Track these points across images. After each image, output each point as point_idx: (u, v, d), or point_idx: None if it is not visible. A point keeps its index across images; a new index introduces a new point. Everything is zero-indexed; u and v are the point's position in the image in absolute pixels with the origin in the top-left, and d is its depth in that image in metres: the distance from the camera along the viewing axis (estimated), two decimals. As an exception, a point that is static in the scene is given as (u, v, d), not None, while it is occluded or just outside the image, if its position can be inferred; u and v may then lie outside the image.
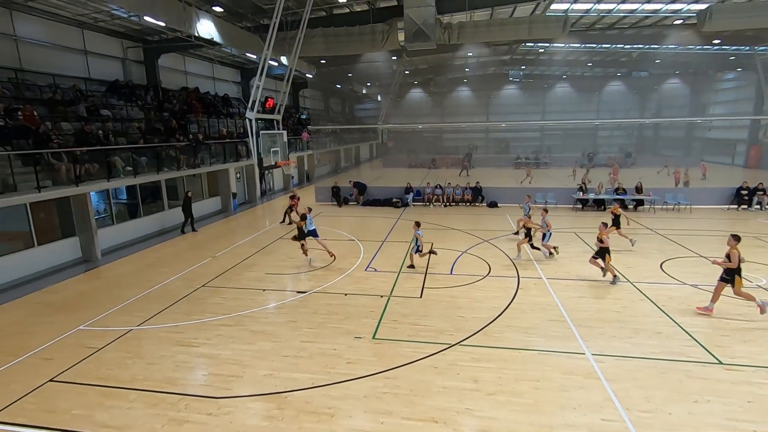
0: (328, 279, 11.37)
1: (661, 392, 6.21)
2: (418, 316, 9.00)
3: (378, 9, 21.17)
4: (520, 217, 14.65)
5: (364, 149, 55.95)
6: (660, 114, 49.50)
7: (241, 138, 22.72)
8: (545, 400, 6.12)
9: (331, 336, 8.16)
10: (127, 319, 9.16)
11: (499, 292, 10.21)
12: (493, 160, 45.08)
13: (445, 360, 7.23)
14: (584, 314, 8.90)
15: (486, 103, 55.33)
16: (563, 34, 20.03)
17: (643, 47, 34.15)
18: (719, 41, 30.22)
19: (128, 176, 14.88)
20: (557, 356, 7.28)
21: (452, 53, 34.29)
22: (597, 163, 39.80)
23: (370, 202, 22.84)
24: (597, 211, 20.06)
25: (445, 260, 12.78)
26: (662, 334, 7.95)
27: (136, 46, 21.02)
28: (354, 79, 44.91)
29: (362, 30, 20.22)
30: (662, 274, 11.26)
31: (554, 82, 53.09)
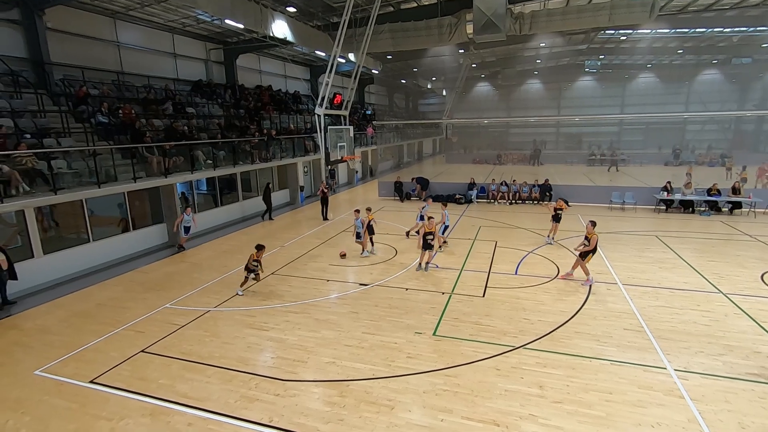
0: (389, 273, 11.49)
1: (760, 419, 5.52)
2: (480, 315, 8.80)
3: (446, 1, 20.78)
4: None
5: (427, 145, 55.57)
6: (765, 106, 43.61)
7: (309, 133, 23.61)
8: (618, 414, 5.71)
9: (391, 329, 8.25)
10: (207, 300, 9.94)
11: (568, 296, 9.68)
12: (564, 156, 42.62)
13: (508, 362, 7.01)
14: (666, 325, 8.15)
15: (557, 96, 52.28)
16: (650, 19, 18.28)
17: (747, 30, 30.24)
18: None
19: (209, 169, 16.09)
20: (633, 368, 6.75)
21: (522, 44, 32.80)
22: (684, 160, 36.15)
23: (432, 198, 22.62)
24: (684, 213, 18.24)
25: (510, 260, 12.35)
26: (762, 354, 7.06)
27: (218, 48, 22.59)
28: (419, 74, 44.63)
29: (429, 24, 19.98)
30: (763, 287, 9.99)
31: (636, 71, 48.74)
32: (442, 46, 27.00)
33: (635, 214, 18.47)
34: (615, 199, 19.81)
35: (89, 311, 9.48)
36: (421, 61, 34.97)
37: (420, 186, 23.12)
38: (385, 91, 46.96)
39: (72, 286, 10.99)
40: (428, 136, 53.59)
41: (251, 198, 20.26)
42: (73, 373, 7.02)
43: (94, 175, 11.98)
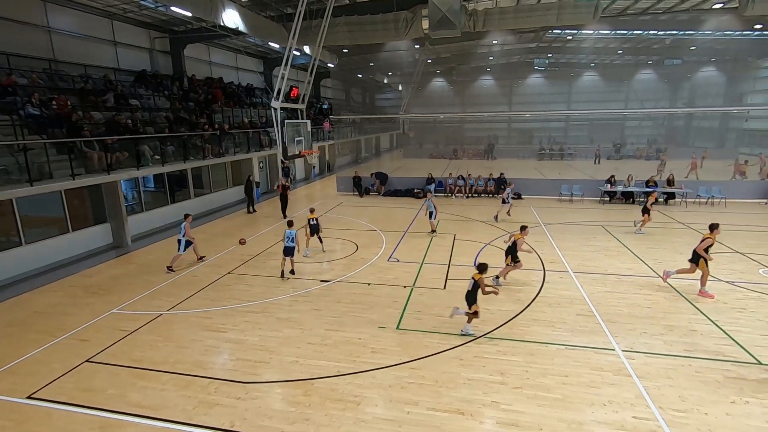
0: (351, 269, 11.42)
1: (697, 392, 6.02)
2: (442, 307, 8.95)
3: (402, -4, 20.84)
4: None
5: (384, 139, 55.72)
6: (693, 103, 47.46)
7: (264, 128, 22.90)
8: (574, 395, 6.01)
9: (355, 325, 8.21)
10: (158, 303, 9.41)
11: (524, 285, 10.06)
12: (516, 151, 44.25)
13: (471, 352, 7.18)
14: (613, 309, 8.68)
15: (509, 92, 54.21)
16: (594, 20, 19.32)
17: (677, 33, 32.71)
18: (761, 26, 28.65)
19: (156, 165, 15.21)
20: (586, 351, 7.13)
21: (476, 41, 33.59)
22: (624, 154, 38.62)
23: (391, 193, 22.78)
24: (626, 204, 19.47)
25: (469, 252, 12.65)
26: (697, 332, 7.69)
27: (163, 37, 21.32)
28: (375, 69, 44.57)
29: (386, 18, 19.96)
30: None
31: (581, 70, 51.49)
32: (398, 40, 27.04)
33: (582, 205, 19.51)
34: (563, 191, 20.82)
35: (25, 320, 8.70)
36: (377, 55, 34.91)
37: (379, 181, 23.15)
38: (341, 85, 46.50)
39: (4, 294, 10.04)
40: (386, 131, 53.78)
41: (204, 195, 19.42)
42: (9, 388, 6.42)
43: (25, 171, 10.96)
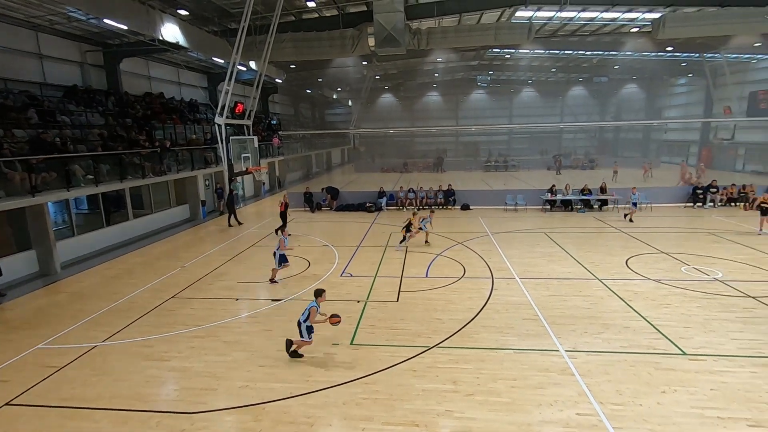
0: (303, 286, 11.21)
1: (632, 385, 6.44)
2: (395, 320, 8.99)
3: (348, 14, 21.19)
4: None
5: (335, 154, 55.73)
6: (619, 117, 51.72)
7: (209, 144, 22.17)
8: (522, 398, 6.23)
9: (308, 344, 8.03)
10: (92, 334, 8.70)
11: (474, 294, 10.34)
12: (463, 163, 45.82)
13: (424, 363, 7.25)
14: (556, 312, 9.13)
15: (455, 107, 56.26)
16: (528, 40, 20.63)
17: (602, 54, 35.67)
18: (672, 48, 31.94)
19: (89, 185, 14.22)
20: (532, 354, 7.43)
21: (422, 58, 34.74)
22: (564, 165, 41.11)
23: (343, 207, 22.73)
24: (565, 211, 20.69)
25: (421, 263, 12.85)
26: (630, 329, 8.26)
27: (96, 50, 20.19)
28: (324, 84, 44.71)
29: (332, 35, 20.17)
30: (628, 271, 11.72)
31: (520, 86, 54.60)
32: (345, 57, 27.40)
33: (526, 214, 20.51)
34: (509, 201, 21.79)
35: (-71, 364, 7.72)
36: (325, 71, 35.06)
37: (330, 196, 23.05)
38: (290, 100, 46.13)
39: None
40: (337, 146, 53.84)
41: (145, 215, 18.36)
42: None
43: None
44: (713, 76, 34.41)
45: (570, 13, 22.87)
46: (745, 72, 35.29)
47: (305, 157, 41.70)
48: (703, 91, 38.78)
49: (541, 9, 21.97)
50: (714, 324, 8.34)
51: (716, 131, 37.46)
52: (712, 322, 8.41)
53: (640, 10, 21.93)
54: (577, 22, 24.84)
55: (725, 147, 36.80)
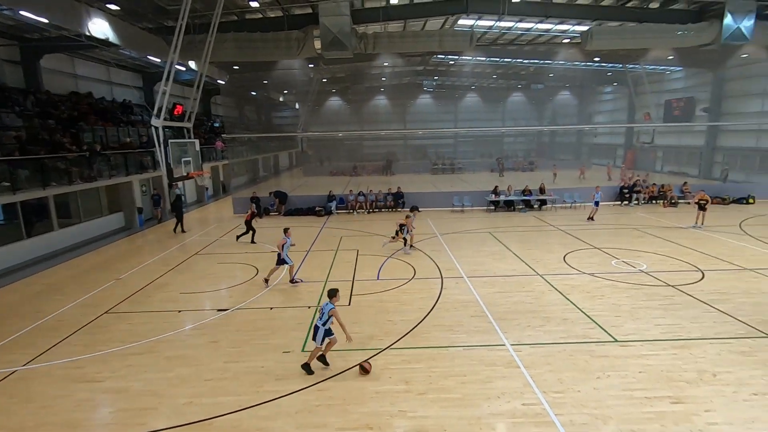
0: (251, 294, 10.85)
1: (571, 372, 6.87)
2: (347, 324, 8.83)
3: (293, 16, 20.90)
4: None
5: (283, 158, 54.58)
6: (555, 122, 55.15)
7: (146, 148, 20.88)
8: (472, 393, 6.44)
9: (257, 353, 7.79)
10: (11, 358, 7.87)
11: (425, 294, 10.55)
12: (412, 166, 46.65)
13: (377, 365, 7.28)
14: (502, 308, 9.54)
15: (403, 111, 57.15)
16: (470, 47, 21.48)
17: (538, 62, 37.88)
18: (599, 59, 34.59)
19: (5, 193, 12.87)
20: (481, 350, 7.71)
21: (369, 62, 34.97)
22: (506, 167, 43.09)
23: (292, 212, 22.30)
24: (508, 211, 21.67)
25: (372, 266, 12.90)
26: (568, 320, 8.81)
27: (11, 45, 18.36)
28: (270, 86, 43.76)
29: (277, 36, 19.79)
30: (565, 266, 12.50)
31: (464, 92, 56.60)
32: (291, 59, 26.98)
33: (472, 214, 21.25)
34: (455, 203, 22.48)
35: None
36: (271, 73, 34.32)
37: (279, 200, 22.53)
38: (234, 102, 44.59)
39: None
40: (284, 149, 52.76)
41: (73, 225, 16.91)
42: None
43: None
44: (635, 85, 37.66)
45: (508, 23, 24.08)
46: (661, 82, 39.00)
47: (251, 160, 40.49)
48: (626, 99, 42.31)
49: (481, 18, 22.94)
50: (640, 312, 9.11)
51: (638, 135, 41.03)
52: (639, 311, 9.18)
53: (570, 23, 23.56)
54: (514, 31, 26.20)
55: (646, 150, 40.41)
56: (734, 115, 31.95)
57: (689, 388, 6.40)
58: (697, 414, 5.81)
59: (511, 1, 19.69)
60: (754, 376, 6.65)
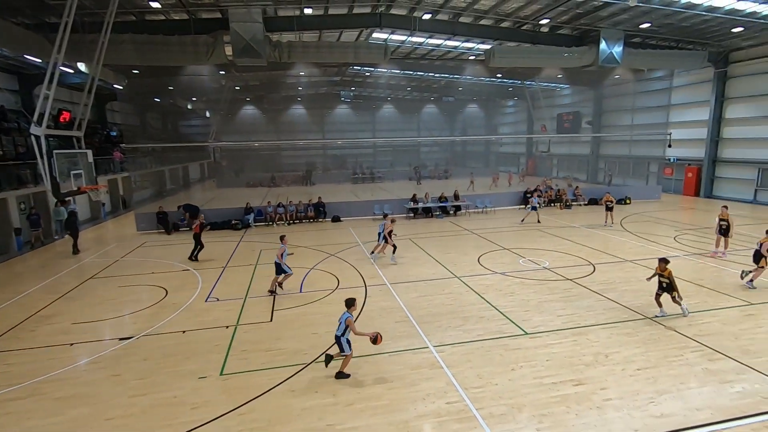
0: (160, 318, 9.93)
1: (488, 367, 7.31)
2: (270, 341, 8.60)
3: (200, 20, 19.79)
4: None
5: (194, 169, 51.09)
6: (465, 132, 58.87)
7: (24, 159, 18.20)
8: (399, 397, 6.54)
9: (169, 382, 7.13)
10: None
11: (349, 303, 10.51)
12: (332, 176, 46.54)
13: (302, 381, 7.08)
14: (424, 311, 9.86)
15: (321, 121, 56.88)
16: (385, 60, 22.13)
17: (448, 77, 40.17)
18: (501, 75, 37.73)
19: None
20: (406, 354, 7.87)
21: (284, 71, 34.28)
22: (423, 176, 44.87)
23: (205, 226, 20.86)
24: (426, 218, 22.55)
25: (294, 278, 12.55)
26: (484, 318, 9.39)
27: None
28: (176, 93, 40.77)
29: (183, 40, 18.55)
30: (480, 267, 13.32)
31: (381, 103, 57.99)
32: (200, 65, 25.50)
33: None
34: (376, 211, 22.85)
35: None
36: (177, 78, 32.00)
37: (189, 214, 20.99)
38: (134, 109, 40.72)
39: None
40: (195, 160, 49.44)
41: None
42: None
43: None
44: (532, 100, 41.69)
45: (419, 38, 25.27)
46: (553, 98, 43.67)
47: (156, 172, 37.32)
48: (525, 112, 46.61)
49: (394, 32, 23.78)
50: (545, 305, 10.01)
51: (537, 145, 45.41)
52: (544, 304, 10.08)
53: (475, 41, 25.40)
54: (426, 47, 27.55)
55: (544, 158, 44.85)
56: (612, 128, 36.85)
57: (588, 370, 7.16)
58: (595, 392, 6.51)
59: (421, 18, 20.72)
60: (637, 354, 7.65)
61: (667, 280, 8.95)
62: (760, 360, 7.36)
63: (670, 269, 8.96)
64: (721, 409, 6.06)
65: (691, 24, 21.73)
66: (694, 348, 7.83)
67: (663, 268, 8.97)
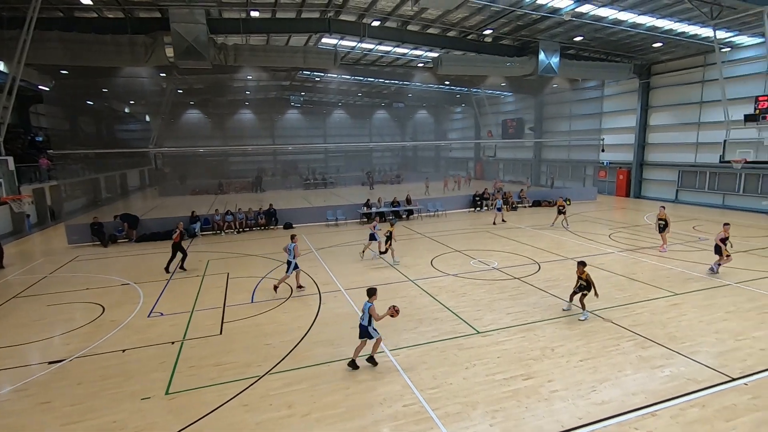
0: (96, 337, 9.20)
1: (443, 368, 7.45)
2: (220, 354, 8.24)
3: (138, 19, 18.74)
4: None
5: (133, 176, 48.02)
6: (416, 138, 60.01)
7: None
8: (356, 404, 6.50)
9: (108, 406, 6.62)
10: None
11: (303, 311, 10.34)
12: (283, 182, 45.61)
13: (256, 394, 6.84)
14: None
15: (271, 126, 55.65)
16: (335, 66, 22.07)
17: (398, 83, 40.82)
18: (448, 82, 38.88)
19: None
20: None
21: (231, 75, 33.23)
22: (376, 180, 45.13)
23: (146, 237, 19.70)
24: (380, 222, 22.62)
25: (245, 288, 12.15)
26: (438, 319, 9.57)
27: None
28: (111, 96, 38.29)
29: (118, 40, 17.44)
30: (433, 269, 13.58)
31: (332, 108, 57.74)
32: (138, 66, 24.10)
33: (346, 227, 21.68)
34: (329, 217, 22.66)
35: None
36: (112, 80, 30.03)
37: (128, 224, 19.71)
38: (63, 113, 37.65)
39: None
40: (134, 167, 46.52)
41: None
42: None
43: None
44: (478, 107, 43.30)
45: (369, 45, 25.48)
46: (498, 105, 45.64)
47: (90, 180, 34.73)
48: (473, 118, 48.32)
49: (344, 38, 23.81)
50: (495, 304, 10.39)
51: (484, 150, 47.16)
52: (494, 303, 10.46)
53: (423, 49, 26.00)
54: (376, 53, 27.83)
55: (491, 162, 46.68)
56: (552, 133, 39.13)
57: (536, 364, 7.50)
58: (543, 385, 6.84)
59: (370, 25, 20.92)
60: (579, 346, 8.13)
61: (584, 281, 9.47)
62: (684, 345, 8.07)
63: (587, 272, 9.51)
64: (653, 392, 6.58)
65: (618, 38, 23.61)
66: (629, 337, 8.44)
67: (581, 270, 9.51)
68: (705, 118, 25.70)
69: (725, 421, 5.89)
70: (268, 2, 18.76)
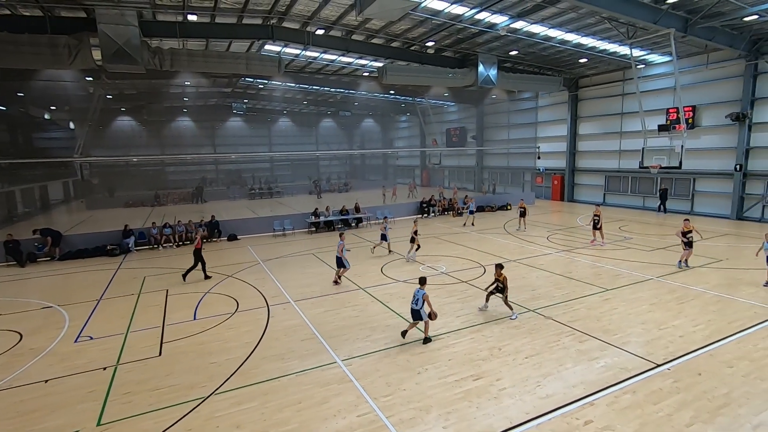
0: (12, 368, 8.23)
1: (397, 374, 7.47)
2: (159, 377, 7.68)
3: (59, 18, 17.28)
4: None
5: (55, 189, 43.84)
6: (363, 146, 60.33)
7: None
8: (309, 418, 6.32)
9: (27, 445, 5.93)
10: None
11: (251, 326, 9.94)
12: (226, 192, 43.88)
13: (200, 417, 6.45)
14: (330, 326, 9.74)
15: (212, 134, 53.43)
16: (279, 73, 21.68)
17: (344, 92, 40.89)
18: (394, 92, 39.59)
19: None
20: (314, 372, 7.66)
21: (167, 80, 31.54)
22: (324, 189, 44.70)
23: (72, 255, 18.03)
24: (328, 231, 22.44)
25: (187, 305, 11.47)
26: (390, 326, 9.60)
27: None
28: (29, 101, 34.91)
29: (37, 40, 15.96)
30: (384, 277, 13.64)
31: (277, 116, 56.57)
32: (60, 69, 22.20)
33: (294, 237, 21.23)
34: (276, 227, 22.08)
35: None
36: (29, 84, 27.45)
37: (51, 240, 17.95)
38: (-31, 118, 33.79)
39: None
40: (56, 178, 42.48)
41: None
42: None
43: None
44: (423, 116, 44.44)
45: (314, 53, 25.34)
46: (442, 114, 47.14)
47: (5, 193, 31.29)
48: (418, 127, 49.50)
49: (288, 45, 23.50)
50: (446, 308, 10.61)
51: (429, 158, 48.38)
52: (445, 306, 10.67)
53: (368, 58, 26.30)
54: (321, 61, 27.72)
55: (437, 170, 47.99)
56: (492, 142, 41.00)
57: (485, 364, 7.74)
58: (492, 384, 7.06)
59: (314, 33, 20.82)
60: (524, 344, 8.51)
61: (501, 284, 9.95)
62: (616, 337, 8.72)
63: (504, 275, 10.01)
64: (591, 383, 7.02)
65: (549, 53, 25.33)
66: (568, 333, 8.97)
67: (499, 273, 10.01)
68: (626, 128, 28.20)
69: (653, 404, 6.41)
70: (207, 6, 18.10)
